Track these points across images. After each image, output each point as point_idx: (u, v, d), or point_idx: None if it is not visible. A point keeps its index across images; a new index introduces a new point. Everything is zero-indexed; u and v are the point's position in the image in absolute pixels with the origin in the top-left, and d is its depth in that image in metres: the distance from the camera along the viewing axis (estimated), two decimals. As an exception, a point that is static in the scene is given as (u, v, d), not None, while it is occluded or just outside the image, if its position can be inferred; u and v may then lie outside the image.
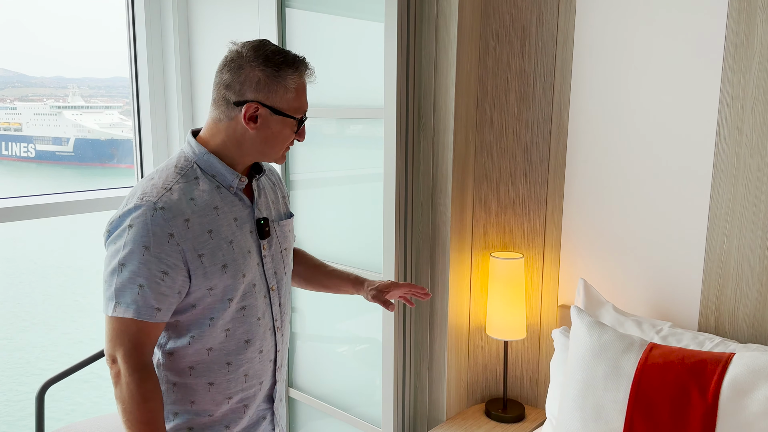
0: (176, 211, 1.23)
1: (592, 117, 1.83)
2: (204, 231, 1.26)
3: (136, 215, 1.21)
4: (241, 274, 1.31)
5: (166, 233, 1.21)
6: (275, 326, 1.42)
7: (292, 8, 2.30)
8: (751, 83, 1.54)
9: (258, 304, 1.37)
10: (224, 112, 1.30)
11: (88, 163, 24.63)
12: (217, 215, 1.29)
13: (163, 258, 1.21)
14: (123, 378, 1.22)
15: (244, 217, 1.34)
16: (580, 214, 1.89)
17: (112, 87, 18.32)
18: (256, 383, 1.41)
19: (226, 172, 1.31)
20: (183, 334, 1.31)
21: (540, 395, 2.06)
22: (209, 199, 1.28)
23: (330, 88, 2.25)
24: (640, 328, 1.66)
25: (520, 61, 1.94)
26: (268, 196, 1.43)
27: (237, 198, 1.34)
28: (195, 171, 1.30)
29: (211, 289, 1.28)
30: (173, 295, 1.24)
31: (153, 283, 1.21)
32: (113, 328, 1.23)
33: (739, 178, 1.58)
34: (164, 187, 1.25)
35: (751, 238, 1.58)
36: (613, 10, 1.75)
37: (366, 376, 2.29)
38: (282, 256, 1.44)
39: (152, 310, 1.22)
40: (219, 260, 1.27)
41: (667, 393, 1.37)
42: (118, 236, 1.23)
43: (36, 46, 50.73)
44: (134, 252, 1.20)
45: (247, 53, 1.27)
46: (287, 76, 1.28)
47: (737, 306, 1.63)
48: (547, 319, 2.01)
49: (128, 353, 1.22)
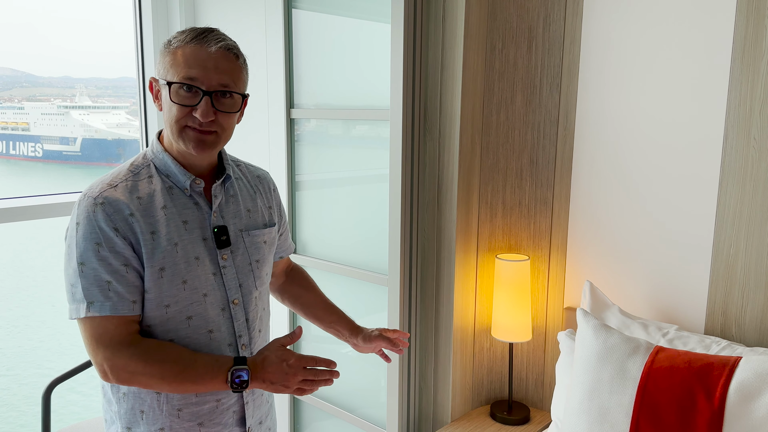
0: (116, 207, 1.17)
1: (599, 119, 1.82)
2: (147, 231, 1.19)
3: (80, 212, 1.17)
4: (181, 280, 1.22)
5: (111, 227, 1.16)
6: (238, 343, 1.31)
7: (298, 9, 2.30)
8: (759, 85, 1.53)
9: (210, 316, 1.26)
10: None
11: (95, 162, 24.71)
12: (164, 215, 1.22)
13: (118, 251, 1.16)
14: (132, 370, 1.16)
15: (196, 222, 1.26)
16: (587, 216, 1.88)
17: (119, 87, 18.38)
18: (212, 399, 1.29)
19: (178, 172, 1.24)
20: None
21: (545, 398, 2.05)
22: (158, 198, 1.22)
23: (336, 89, 2.25)
24: (646, 331, 1.65)
25: (526, 63, 1.93)
26: (240, 204, 1.34)
27: (191, 201, 1.26)
28: (150, 170, 1.25)
29: (146, 293, 1.20)
30: (138, 287, 1.19)
31: (119, 276, 1.16)
32: (92, 332, 1.16)
33: (747, 181, 1.58)
34: (109, 184, 1.20)
35: (758, 241, 1.57)
36: (620, 12, 1.75)
37: (371, 378, 2.29)
38: (251, 268, 1.34)
39: (128, 303, 1.17)
40: (157, 262, 1.20)
41: (674, 397, 1.37)
42: (71, 236, 1.18)
43: (44, 47, 50.62)
44: (89, 249, 1.15)
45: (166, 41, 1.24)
46: (172, 43, 1.20)
47: (744, 309, 1.62)
48: (552, 321, 2.00)
49: (117, 347, 1.16)
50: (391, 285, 2.01)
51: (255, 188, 1.40)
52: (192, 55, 1.18)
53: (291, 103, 2.37)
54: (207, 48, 1.18)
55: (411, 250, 2.02)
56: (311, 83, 2.32)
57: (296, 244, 2.39)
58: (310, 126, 2.37)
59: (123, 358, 1.16)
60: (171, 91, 1.18)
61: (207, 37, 1.19)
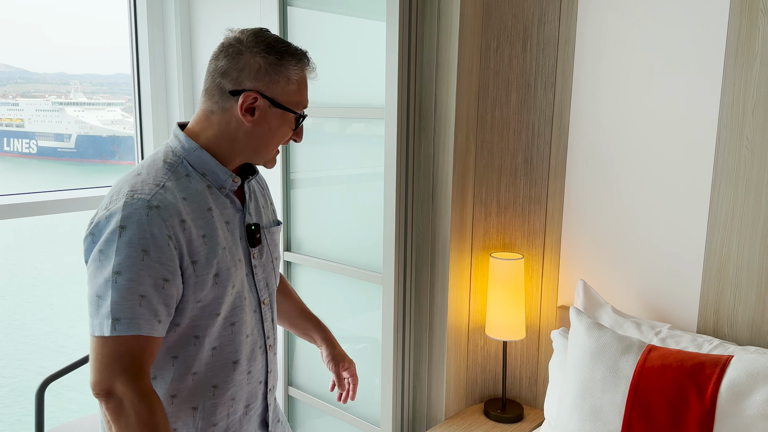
0: (172, 211, 1.08)
1: (593, 118, 1.83)
2: (199, 235, 1.12)
3: (128, 214, 1.05)
4: (231, 284, 1.17)
5: (164, 235, 1.06)
6: (266, 344, 1.28)
7: (293, 6, 2.30)
8: (752, 86, 1.54)
9: (246, 320, 1.23)
10: (218, 103, 1.16)
11: (90, 159, 24.65)
12: (211, 217, 1.15)
13: (164, 262, 1.06)
14: (129, 409, 1.04)
15: (235, 222, 1.21)
16: (580, 215, 1.89)
17: (114, 84, 18.32)
18: (241, 407, 1.26)
19: (218, 170, 1.17)
20: (164, 357, 1.16)
21: (539, 396, 2.06)
22: (202, 199, 1.15)
23: (331, 86, 2.25)
24: (639, 330, 1.66)
25: (521, 62, 1.94)
26: (258, 201, 1.30)
27: (228, 200, 1.20)
28: (185, 167, 1.16)
29: (198, 302, 1.13)
30: (172, 306, 1.10)
31: (155, 292, 1.06)
32: (111, 351, 1.04)
33: (740, 181, 1.58)
34: (156, 184, 1.10)
35: (750, 241, 1.58)
36: (615, 12, 1.75)
37: (365, 376, 2.29)
38: (273, 266, 1.31)
39: (155, 323, 1.07)
40: (212, 269, 1.13)
41: (665, 395, 1.37)
42: (107, 241, 1.05)
43: (39, 43, 50.52)
44: (131, 257, 1.04)
45: (247, 39, 1.15)
46: (290, 66, 1.16)
47: (736, 308, 1.63)
48: (546, 319, 2.01)
49: (134, 377, 1.04)
50: (386, 283, 2.02)
51: (262, 186, 1.37)
52: (305, 84, 1.20)
53: (286, 101, 2.36)
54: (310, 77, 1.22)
55: (405, 249, 2.03)
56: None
57: (291, 242, 2.39)
58: (305, 124, 2.37)
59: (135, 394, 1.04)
60: (292, 119, 1.19)
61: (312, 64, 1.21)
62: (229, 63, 1.14)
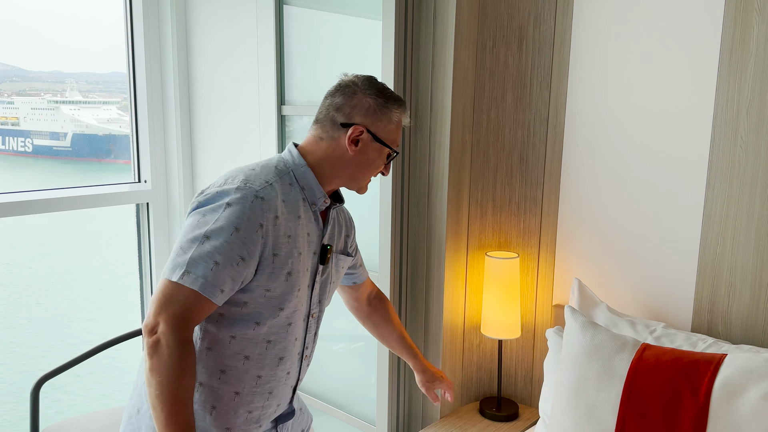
0: (272, 206, 1.26)
1: (588, 117, 1.83)
2: (286, 234, 1.28)
3: (237, 197, 1.23)
4: (297, 287, 1.32)
5: (258, 222, 1.23)
6: (304, 353, 1.43)
7: (290, 5, 2.30)
8: (746, 85, 1.55)
9: (298, 324, 1.37)
10: (328, 132, 1.36)
11: (86, 158, 24.57)
12: (299, 224, 1.32)
13: (247, 243, 1.22)
14: (163, 349, 1.16)
15: (314, 236, 1.37)
16: (576, 214, 1.89)
17: (110, 82, 18.23)
18: (275, 403, 1.39)
19: (316, 188, 1.36)
20: (225, 330, 1.29)
21: (534, 394, 2.06)
22: (296, 206, 1.32)
23: (327, 85, 2.25)
24: (633, 329, 1.67)
25: (517, 61, 1.94)
26: (335, 228, 1.46)
27: (314, 216, 1.37)
28: (290, 177, 1.34)
29: (268, 291, 1.28)
30: (238, 282, 1.24)
31: (228, 265, 1.20)
32: (169, 294, 1.18)
33: (734, 180, 1.59)
34: (266, 180, 1.29)
35: (744, 240, 1.59)
36: (610, 12, 1.76)
37: (361, 374, 2.29)
38: (328, 288, 1.46)
39: (217, 290, 1.20)
40: (287, 266, 1.29)
41: (659, 393, 1.38)
42: (212, 210, 1.23)
43: (35, 41, 50.26)
44: (224, 229, 1.21)
45: (361, 83, 1.37)
46: (393, 109, 1.37)
47: (730, 307, 1.63)
48: (541, 318, 2.01)
49: (176, 323, 1.17)
50: (382, 282, 2.02)
51: (344, 218, 1.53)
52: (400, 129, 1.41)
53: (282, 100, 2.37)
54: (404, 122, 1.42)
55: (401, 248, 2.03)
56: (303, 80, 2.32)
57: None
58: (303, 123, 2.37)
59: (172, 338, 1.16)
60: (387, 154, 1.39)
61: (408, 111, 1.43)
62: (344, 100, 1.36)
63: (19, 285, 11.63)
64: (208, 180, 2.75)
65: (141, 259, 2.91)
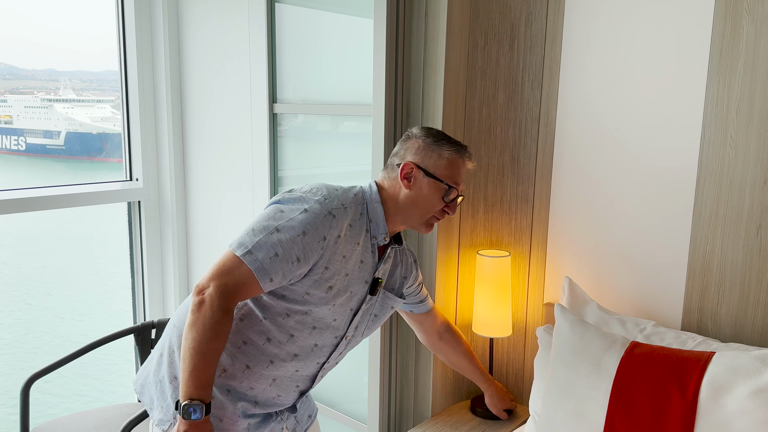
0: (339, 225, 1.41)
1: (580, 116, 1.84)
2: (342, 254, 1.43)
3: (314, 207, 1.39)
4: (333, 303, 1.45)
5: (323, 234, 1.38)
6: (324, 365, 1.55)
7: (281, 3, 2.29)
8: (736, 85, 1.55)
9: (326, 336, 1.49)
10: (389, 173, 1.53)
11: (79, 156, 24.42)
12: (355, 250, 1.46)
13: (307, 248, 1.36)
14: (206, 310, 1.30)
15: (368, 267, 1.50)
16: (567, 213, 1.90)
17: (105, 81, 18.10)
18: (275, 393, 1.50)
19: (381, 223, 1.50)
20: (260, 310, 1.43)
21: (525, 392, 2.07)
22: (358, 234, 1.46)
23: (319, 84, 2.25)
24: (623, 327, 1.67)
25: (508, 60, 1.94)
26: (390, 267, 1.60)
27: (372, 249, 1.51)
28: (363, 208, 1.49)
29: (307, 294, 1.42)
30: (288, 278, 1.37)
31: (285, 260, 1.34)
32: (228, 265, 1.33)
33: (723, 179, 1.60)
34: (342, 203, 1.44)
35: (734, 239, 1.60)
36: (601, 11, 1.76)
37: (353, 374, 2.29)
38: (369, 319, 1.58)
39: (268, 277, 1.34)
40: (332, 281, 1.43)
41: (648, 391, 1.38)
42: (290, 209, 1.39)
43: (28, 39, 49.79)
44: (294, 228, 1.35)
45: (418, 132, 1.52)
46: (444, 148, 1.50)
47: (720, 305, 1.64)
48: (532, 316, 2.02)
49: (223, 293, 1.31)
50: (373, 280, 2.02)
51: (402, 261, 1.65)
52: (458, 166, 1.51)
53: (274, 98, 2.36)
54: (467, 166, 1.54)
55: (393, 246, 2.03)
56: (294, 78, 2.32)
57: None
58: (295, 122, 2.37)
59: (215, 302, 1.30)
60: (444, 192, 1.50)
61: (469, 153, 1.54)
62: (401, 146, 1.54)
63: (9, 284, 11.56)
64: (200, 178, 2.74)
65: (132, 258, 2.90)
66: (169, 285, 2.88)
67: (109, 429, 2.11)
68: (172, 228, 2.81)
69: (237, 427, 1.46)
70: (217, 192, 2.68)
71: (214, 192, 2.69)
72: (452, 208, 1.53)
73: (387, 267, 1.58)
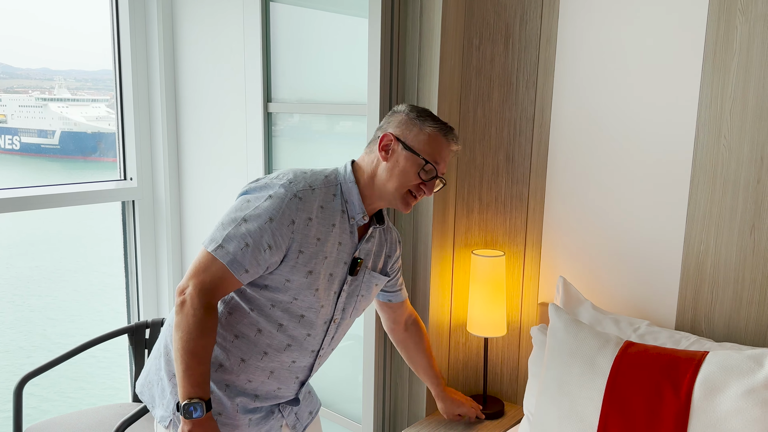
0: (307, 208, 1.38)
1: (574, 116, 1.84)
2: (315, 236, 1.40)
3: (277, 191, 1.37)
4: (315, 287, 1.43)
5: (290, 218, 1.36)
6: (319, 352, 1.54)
7: (276, 2, 2.29)
8: (729, 85, 1.56)
9: (315, 323, 1.48)
10: (370, 147, 1.50)
11: (74, 156, 24.35)
12: (331, 231, 1.43)
13: (276, 234, 1.35)
14: (188, 309, 1.32)
15: (347, 248, 1.47)
16: (561, 213, 1.90)
17: (99, 80, 18.06)
18: (275, 385, 1.50)
19: (357, 203, 1.46)
20: (247, 302, 1.43)
21: (519, 392, 2.07)
22: (332, 216, 1.43)
23: (313, 83, 2.25)
24: (617, 327, 1.67)
25: (503, 60, 1.94)
26: (373, 247, 1.56)
27: (350, 230, 1.48)
28: (336, 189, 1.46)
29: (288, 281, 1.40)
30: (263, 267, 1.36)
31: (256, 249, 1.34)
32: (203, 262, 1.34)
33: (717, 179, 1.60)
34: (309, 185, 1.41)
35: (727, 239, 1.60)
36: (596, 11, 1.76)
37: (347, 373, 2.29)
38: (356, 300, 1.56)
39: (242, 269, 1.34)
40: (310, 264, 1.41)
41: (642, 390, 1.39)
42: (255, 198, 1.38)
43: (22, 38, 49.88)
44: (260, 216, 1.34)
45: (403, 107, 1.49)
46: (426, 122, 1.46)
47: (713, 305, 1.64)
48: (527, 316, 2.02)
49: (202, 290, 1.32)
50: (368, 280, 2.02)
51: (386, 240, 1.62)
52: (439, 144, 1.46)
53: (268, 97, 2.36)
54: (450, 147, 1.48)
55: (387, 246, 2.03)
56: (289, 78, 2.32)
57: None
58: (290, 121, 2.37)
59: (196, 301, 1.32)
60: (420, 167, 1.44)
61: (453, 134, 1.49)
62: (385, 121, 1.50)
63: (1, 284, 11.50)
64: (195, 178, 2.73)
65: (127, 257, 2.89)
66: (163, 285, 2.87)
67: (102, 429, 2.10)
68: (167, 227, 2.80)
69: (238, 421, 1.46)
70: (212, 191, 2.67)
71: (209, 191, 2.69)
72: (429, 188, 1.47)
73: (370, 247, 1.55)
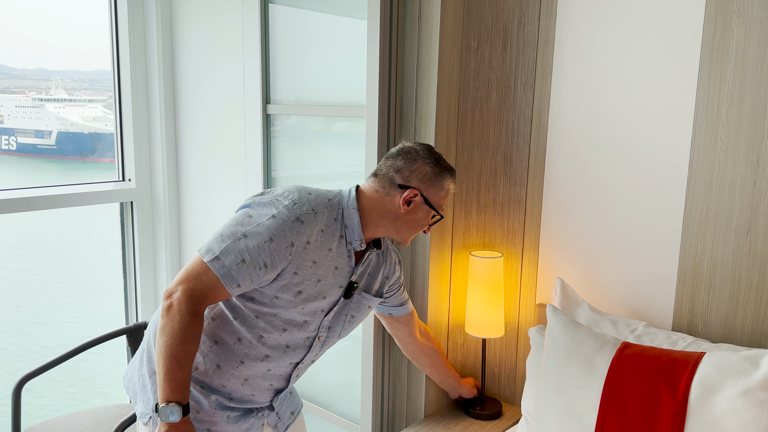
0: (307, 232, 1.40)
1: (572, 118, 1.85)
2: (311, 259, 1.42)
3: (281, 211, 1.38)
4: (301, 307, 1.46)
5: (290, 240, 1.38)
6: (298, 366, 1.56)
7: (275, 4, 2.30)
8: (726, 88, 1.57)
9: (297, 338, 1.50)
10: (384, 188, 1.51)
11: (71, 156, 24.29)
12: (327, 256, 1.45)
13: (274, 255, 1.37)
14: (174, 314, 1.32)
15: (343, 272, 1.50)
16: (559, 214, 1.91)
17: (96, 80, 18.04)
18: (248, 392, 1.52)
19: (356, 231, 1.48)
20: (231, 310, 1.45)
21: (517, 393, 2.08)
22: (331, 240, 1.45)
23: (312, 85, 2.25)
24: (615, 328, 1.68)
25: (501, 62, 1.95)
26: (369, 269, 1.59)
27: (347, 254, 1.50)
28: (338, 213, 1.47)
29: (276, 298, 1.43)
30: (255, 283, 1.38)
31: (252, 266, 1.35)
32: (195, 270, 1.35)
33: (714, 181, 1.61)
34: (312, 209, 1.42)
35: (724, 240, 1.61)
36: (593, 14, 1.77)
37: (346, 374, 2.30)
38: (344, 320, 1.58)
39: (235, 283, 1.35)
40: (301, 286, 1.43)
41: (639, 391, 1.39)
42: (258, 215, 1.39)
43: (18, 38, 49.66)
44: (261, 235, 1.36)
45: (422, 151, 1.52)
46: (446, 179, 1.53)
47: (710, 306, 1.65)
48: (525, 317, 2.03)
49: (191, 297, 1.33)
50: (366, 281, 2.02)
51: (384, 261, 1.64)
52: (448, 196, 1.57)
53: (267, 99, 2.36)
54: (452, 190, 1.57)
55: (386, 247, 2.03)
56: (288, 79, 2.32)
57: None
58: (288, 122, 2.37)
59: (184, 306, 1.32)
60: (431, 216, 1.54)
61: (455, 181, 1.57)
62: (405, 164, 1.51)
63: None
64: (193, 179, 2.74)
65: (125, 259, 2.89)
66: (162, 286, 2.87)
67: (101, 430, 2.10)
68: (165, 229, 2.81)
69: (215, 417, 1.48)
70: (210, 192, 2.67)
71: (207, 192, 2.69)
72: (429, 229, 1.58)
73: (365, 269, 1.58)
